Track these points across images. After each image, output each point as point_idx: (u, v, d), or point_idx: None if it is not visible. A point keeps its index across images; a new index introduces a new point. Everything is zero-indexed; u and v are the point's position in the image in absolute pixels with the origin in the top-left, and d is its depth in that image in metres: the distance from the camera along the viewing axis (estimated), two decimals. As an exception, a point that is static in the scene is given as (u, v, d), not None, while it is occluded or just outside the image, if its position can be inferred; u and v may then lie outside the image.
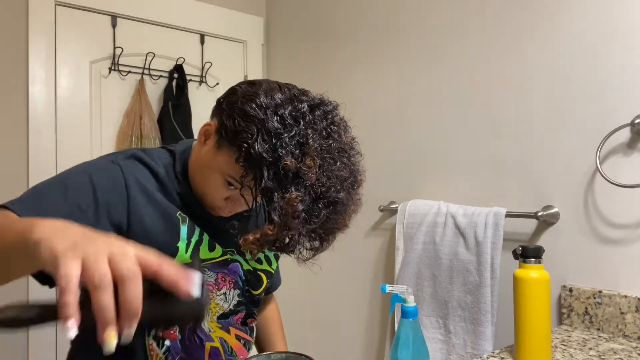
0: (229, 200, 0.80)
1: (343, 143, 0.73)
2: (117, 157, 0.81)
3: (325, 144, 0.70)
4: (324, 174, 0.68)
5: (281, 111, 0.69)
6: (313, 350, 1.99)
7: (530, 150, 1.31)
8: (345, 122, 0.78)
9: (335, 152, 0.71)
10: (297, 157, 0.67)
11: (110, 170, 0.78)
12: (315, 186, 0.67)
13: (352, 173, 0.74)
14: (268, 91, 0.72)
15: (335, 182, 0.69)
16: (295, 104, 0.71)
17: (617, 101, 1.15)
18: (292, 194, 0.66)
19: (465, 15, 1.47)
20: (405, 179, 1.64)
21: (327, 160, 0.69)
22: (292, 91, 0.74)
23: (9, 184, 1.66)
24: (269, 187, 0.66)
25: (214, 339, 0.89)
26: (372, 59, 1.77)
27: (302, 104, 0.72)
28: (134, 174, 0.79)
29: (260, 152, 0.66)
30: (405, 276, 1.47)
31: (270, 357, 0.89)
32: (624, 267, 1.13)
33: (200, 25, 2.10)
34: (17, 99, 1.68)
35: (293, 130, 0.68)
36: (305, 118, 0.70)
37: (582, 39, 1.21)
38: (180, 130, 1.93)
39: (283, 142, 0.67)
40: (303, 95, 0.74)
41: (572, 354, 0.99)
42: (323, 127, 0.71)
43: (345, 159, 0.72)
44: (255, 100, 0.70)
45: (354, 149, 0.76)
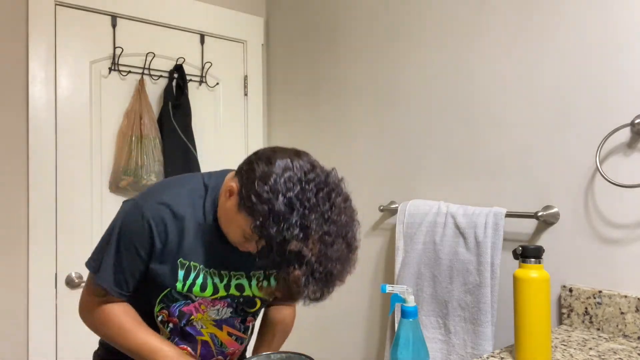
0: (246, 241, 0.93)
1: (341, 225, 0.85)
2: (147, 206, 0.95)
3: (326, 227, 0.82)
4: (323, 255, 0.82)
5: (290, 194, 0.81)
6: (313, 350, 2.00)
7: (530, 151, 1.31)
8: (347, 196, 0.91)
9: (333, 235, 0.83)
10: (301, 240, 0.80)
11: (139, 226, 0.95)
12: (315, 264, 0.82)
13: (349, 247, 0.86)
14: (281, 173, 0.83)
15: (332, 261, 0.83)
16: (303, 185, 0.83)
17: (617, 101, 1.15)
18: (296, 271, 0.81)
19: (465, 15, 1.47)
20: (405, 179, 1.64)
21: (327, 242, 0.82)
22: (303, 168, 0.85)
23: (9, 184, 1.66)
24: (277, 260, 0.81)
25: (204, 334, 1.03)
26: (372, 59, 1.77)
27: (310, 184, 0.83)
28: (158, 224, 0.94)
29: (269, 232, 0.79)
30: (405, 276, 1.47)
31: (270, 357, 0.90)
32: (624, 267, 1.13)
33: (200, 25, 2.10)
34: (17, 99, 1.68)
35: (298, 214, 0.80)
36: (310, 201, 0.82)
37: (582, 39, 1.21)
38: (180, 130, 1.93)
39: (289, 225, 0.80)
40: (312, 172, 0.85)
41: (572, 354, 0.99)
42: (325, 210, 0.83)
43: (341, 240, 0.84)
44: (268, 182, 0.82)
45: (350, 224, 0.88)
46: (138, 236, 0.94)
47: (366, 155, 1.79)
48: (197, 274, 0.97)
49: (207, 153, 2.11)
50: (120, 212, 0.98)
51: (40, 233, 1.71)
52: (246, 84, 2.25)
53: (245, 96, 2.25)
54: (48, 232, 1.72)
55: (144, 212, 0.94)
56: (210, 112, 2.14)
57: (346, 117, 1.87)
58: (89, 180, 1.83)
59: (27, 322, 1.68)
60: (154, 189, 1.00)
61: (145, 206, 0.94)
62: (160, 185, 1.01)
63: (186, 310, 0.99)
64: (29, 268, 1.68)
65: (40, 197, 1.70)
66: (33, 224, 1.69)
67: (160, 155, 1.88)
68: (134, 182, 1.82)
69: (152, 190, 0.99)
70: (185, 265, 0.96)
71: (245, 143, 2.25)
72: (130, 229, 0.94)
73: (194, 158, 1.96)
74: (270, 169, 0.84)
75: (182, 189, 0.98)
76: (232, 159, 2.20)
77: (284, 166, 0.84)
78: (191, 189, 0.98)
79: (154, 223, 0.93)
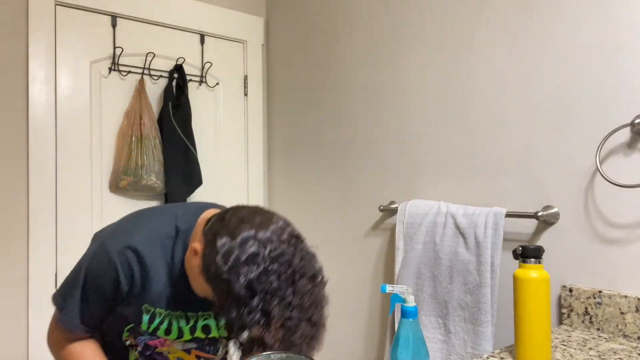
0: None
1: (305, 309, 0.79)
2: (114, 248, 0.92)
3: (288, 313, 0.77)
4: (286, 340, 0.78)
5: (251, 276, 0.76)
6: (313, 350, 1.99)
7: (530, 150, 1.31)
8: (315, 272, 0.82)
9: (296, 320, 0.78)
10: (262, 326, 0.76)
11: (105, 269, 0.92)
12: (280, 347, 0.78)
13: (314, 327, 0.81)
14: (243, 250, 0.77)
15: (296, 345, 0.79)
16: (266, 266, 0.76)
17: (617, 101, 1.15)
18: (258, 351, 0.77)
19: (465, 15, 1.47)
20: (405, 179, 1.65)
21: (290, 328, 0.77)
22: (268, 245, 0.78)
23: (9, 184, 1.66)
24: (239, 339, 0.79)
25: (171, 359, 1.02)
26: (372, 59, 1.77)
27: (273, 265, 0.77)
28: (125, 270, 0.92)
29: (229, 315, 0.76)
30: (405, 276, 1.47)
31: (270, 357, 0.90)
32: (624, 267, 1.13)
33: (200, 25, 2.10)
34: (17, 99, 1.68)
35: (260, 299, 0.75)
36: (272, 284, 0.76)
37: (582, 39, 1.21)
38: (180, 130, 1.93)
39: (250, 310, 0.75)
40: (277, 249, 0.78)
41: (572, 354, 0.99)
42: (287, 294, 0.77)
43: (305, 323, 0.79)
44: (228, 261, 0.76)
45: (316, 306, 0.81)
46: (104, 279, 0.92)
47: (366, 155, 1.79)
48: (162, 320, 0.96)
49: (207, 153, 2.11)
50: (88, 250, 0.97)
51: (40, 233, 1.71)
52: (246, 84, 2.25)
53: (245, 96, 2.25)
54: (48, 232, 1.72)
55: (110, 256, 0.91)
56: (210, 112, 2.14)
57: (346, 116, 1.87)
58: (89, 180, 1.83)
59: (27, 322, 1.68)
60: (124, 227, 0.96)
61: (112, 249, 0.92)
62: (130, 223, 0.97)
63: (151, 343, 1.00)
64: (29, 268, 1.68)
65: (40, 197, 1.70)
66: (33, 224, 1.69)
67: (160, 155, 1.88)
68: (134, 182, 1.82)
69: (122, 229, 0.95)
70: (150, 311, 0.95)
71: (245, 143, 2.25)
72: (97, 271, 0.93)
73: (194, 158, 1.96)
74: (232, 245, 0.78)
75: (152, 232, 0.94)
76: (232, 159, 2.20)
77: (247, 242, 0.78)
78: (162, 233, 0.94)
79: (120, 268, 0.91)
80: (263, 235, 0.79)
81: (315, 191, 2.02)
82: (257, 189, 2.27)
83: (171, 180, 1.89)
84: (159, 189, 1.87)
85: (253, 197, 2.25)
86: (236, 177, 2.22)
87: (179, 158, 1.92)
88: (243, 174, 2.24)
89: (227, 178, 2.18)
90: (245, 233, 0.79)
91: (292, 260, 0.79)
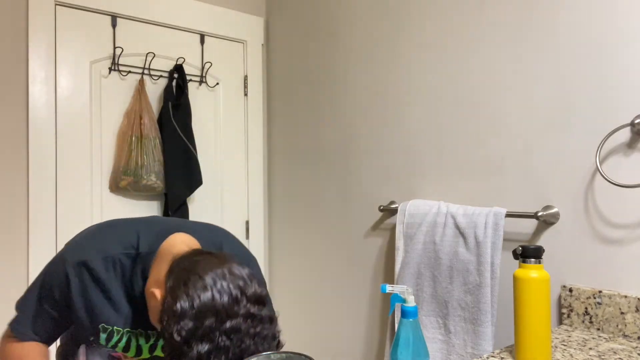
0: None
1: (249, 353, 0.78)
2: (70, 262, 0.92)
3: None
4: None
5: (202, 351, 0.74)
6: (313, 350, 2.00)
7: (530, 150, 1.31)
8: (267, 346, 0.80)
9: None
10: None
11: (61, 280, 0.93)
12: None
13: None
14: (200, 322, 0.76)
15: None
16: (220, 342, 0.75)
17: (617, 101, 1.15)
18: None
19: (465, 15, 1.47)
20: (405, 179, 1.65)
21: None
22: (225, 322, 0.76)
23: (9, 184, 1.66)
24: None
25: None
26: (372, 59, 1.77)
27: (227, 341, 0.75)
28: (77, 285, 0.92)
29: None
30: (405, 276, 1.47)
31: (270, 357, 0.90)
32: (624, 267, 1.13)
33: (200, 25, 2.10)
34: (17, 99, 1.68)
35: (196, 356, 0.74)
36: (213, 341, 0.75)
37: (582, 38, 1.21)
38: (180, 130, 1.93)
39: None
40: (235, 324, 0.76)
41: (572, 354, 0.99)
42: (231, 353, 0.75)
43: None
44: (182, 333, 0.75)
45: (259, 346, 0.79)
46: (59, 293, 0.92)
47: (366, 155, 1.79)
48: (120, 337, 0.95)
49: (207, 153, 2.11)
50: (51, 260, 0.97)
51: (40, 233, 1.71)
52: (246, 84, 2.25)
53: (245, 96, 2.25)
54: (48, 232, 1.72)
55: (67, 272, 0.91)
56: (210, 112, 2.14)
57: (346, 116, 1.87)
58: (89, 180, 1.83)
59: (27, 322, 1.68)
60: (84, 240, 0.95)
61: (69, 263, 0.91)
62: (90, 237, 0.96)
63: (115, 355, 1.00)
64: (29, 268, 1.68)
65: (40, 197, 1.70)
66: (33, 224, 1.69)
67: (160, 155, 1.88)
68: (134, 182, 1.82)
69: (81, 243, 0.94)
70: (108, 330, 0.94)
71: (245, 143, 2.25)
72: (52, 282, 0.93)
73: (194, 158, 1.96)
74: (189, 315, 0.76)
75: (110, 250, 0.93)
76: (232, 159, 2.20)
77: (205, 314, 0.76)
78: (120, 251, 0.93)
79: (73, 282, 0.91)
80: (221, 305, 0.77)
81: (315, 191, 2.02)
82: (257, 189, 2.27)
83: (171, 180, 1.89)
84: (159, 189, 1.87)
85: (253, 197, 2.25)
86: (236, 177, 2.22)
87: (179, 158, 1.92)
88: (243, 174, 2.24)
89: (227, 178, 2.18)
90: (203, 299, 0.77)
91: (244, 339, 0.77)
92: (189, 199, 2.00)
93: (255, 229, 2.24)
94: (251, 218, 2.24)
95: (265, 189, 2.30)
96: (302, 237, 2.07)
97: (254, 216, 2.25)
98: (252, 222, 2.24)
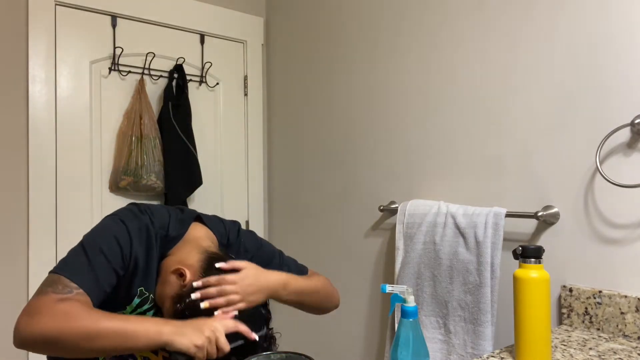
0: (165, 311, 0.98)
1: None
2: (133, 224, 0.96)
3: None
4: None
5: None
6: (313, 350, 2.00)
7: (530, 150, 1.31)
8: None
9: None
10: None
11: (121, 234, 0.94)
12: None
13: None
14: None
15: None
16: None
17: (617, 101, 1.15)
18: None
19: (465, 14, 1.47)
20: (405, 179, 1.65)
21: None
22: None
23: (9, 184, 1.66)
24: None
25: (137, 357, 1.02)
26: (372, 59, 1.77)
27: None
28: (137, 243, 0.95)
29: None
30: (405, 276, 1.47)
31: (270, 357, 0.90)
32: (624, 267, 1.13)
33: (200, 25, 2.10)
34: (17, 99, 1.68)
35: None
36: None
37: (582, 38, 1.21)
38: (180, 130, 1.93)
39: None
40: None
41: (572, 354, 0.99)
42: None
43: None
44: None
45: None
46: (119, 246, 0.93)
47: (366, 155, 1.79)
48: (151, 306, 0.99)
49: (207, 153, 2.11)
50: (102, 223, 0.97)
51: (40, 233, 1.71)
52: (246, 84, 2.25)
53: (245, 96, 2.25)
54: (48, 232, 1.72)
55: (129, 230, 0.95)
56: (210, 112, 2.14)
57: (346, 116, 1.87)
58: (89, 180, 1.83)
59: (27, 322, 1.67)
60: (136, 210, 1.00)
61: (131, 226, 0.95)
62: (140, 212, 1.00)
63: None
64: (29, 268, 1.68)
65: (40, 197, 1.70)
66: (33, 224, 1.69)
67: (160, 155, 1.88)
68: (133, 182, 1.82)
69: (135, 212, 0.99)
70: (145, 295, 0.97)
71: (245, 143, 2.25)
72: (112, 239, 0.92)
73: (194, 158, 1.96)
74: None
75: (156, 225, 0.99)
76: (232, 159, 2.20)
77: None
78: (158, 230, 0.99)
79: (135, 242, 0.94)
80: None
81: (315, 191, 2.02)
82: (257, 189, 2.27)
83: (171, 180, 1.89)
84: (158, 189, 1.87)
85: (253, 197, 2.25)
86: (236, 177, 2.22)
87: (179, 158, 1.92)
88: (243, 174, 2.24)
89: (227, 178, 2.18)
90: None
91: None
92: (189, 198, 2.00)
93: (255, 229, 2.24)
94: (251, 218, 2.24)
95: (265, 189, 2.30)
96: (302, 237, 2.07)
97: (254, 216, 2.25)
98: (252, 222, 2.24)
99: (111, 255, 0.90)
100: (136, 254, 0.93)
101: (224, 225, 1.11)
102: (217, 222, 1.11)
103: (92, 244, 0.90)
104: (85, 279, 0.86)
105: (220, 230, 1.09)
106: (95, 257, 0.88)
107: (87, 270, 0.87)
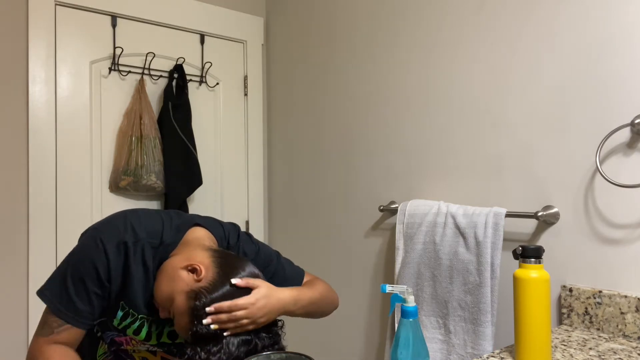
0: (163, 309, 0.97)
1: None
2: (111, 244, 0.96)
3: None
4: None
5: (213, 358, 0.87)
6: (313, 350, 2.00)
7: (530, 150, 1.31)
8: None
9: None
10: None
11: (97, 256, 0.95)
12: None
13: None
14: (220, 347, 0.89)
15: None
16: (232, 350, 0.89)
17: (617, 101, 1.15)
18: None
19: (465, 15, 1.47)
20: (405, 179, 1.65)
21: None
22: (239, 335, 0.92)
23: (9, 184, 1.66)
24: None
25: (136, 358, 1.05)
26: (372, 58, 1.77)
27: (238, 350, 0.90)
28: (117, 262, 0.96)
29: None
30: (405, 276, 1.47)
31: (270, 357, 0.90)
32: (624, 267, 1.13)
33: (200, 25, 2.10)
34: (17, 99, 1.68)
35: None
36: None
37: (582, 39, 1.21)
38: (180, 130, 1.93)
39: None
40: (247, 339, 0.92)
41: (572, 354, 0.99)
42: None
43: None
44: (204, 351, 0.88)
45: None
46: (97, 271, 0.94)
47: (366, 155, 1.79)
48: (135, 319, 0.99)
49: (207, 153, 2.11)
50: (79, 245, 0.98)
51: (40, 233, 1.71)
52: (246, 84, 2.25)
53: (245, 96, 2.25)
54: (48, 232, 1.72)
55: (107, 250, 0.94)
56: (210, 112, 2.14)
57: (346, 116, 1.87)
58: (89, 180, 1.83)
59: (27, 322, 1.67)
60: (118, 223, 0.98)
61: (106, 239, 0.95)
62: (123, 223, 0.99)
63: (118, 340, 1.02)
64: (29, 268, 1.68)
65: (40, 197, 1.70)
66: (33, 224, 1.69)
67: (160, 155, 1.88)
68: (133, 182, 1.82)
69: (117, 225, 0.98)
70: (126, 309, 0.98)
71: (245, 143, 2.25)
72: (89, 263, 0.94)
73: (194, 158, 1.96)
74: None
75: (142, 236, 0.98)
76: (232, 159, 2.20)
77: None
78: (147, 241, 0.98)
79: (113, 262, 0.94)
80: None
81: (315, 191, 2.02)
82: (257, 189, 2.27)
83: (171, 180, 1.89)
84: (159, 189, 1.87)
85: (253, 197, 2.25)
86: (236, 177, 2.22)
87: (179, 158, 1.92)
88: (243, 174, 2.24)
89: (227, 178, 2.18)
90: None
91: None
92: (189, 198, 2.00)
93: (255, 229, 2.24)
94: (251, 218, 2.24)
95: (265, 189, 2.30)
96: (302, 237, 2.07)
97: (254, 216, 2.25)
98: (252, 222, 2.24)
99: (90, 282, 0.94)
100: (115, 272, 0.94)
101: (222, 229, 1.11)
102: (216, 226, 1.10)
103: (72, 272, 0.94)
104: (69, 314, 0.94)
105: (219, 234, 1.09)
106: (76, 285, 0.94)
107: (69, 302, 0.94)
